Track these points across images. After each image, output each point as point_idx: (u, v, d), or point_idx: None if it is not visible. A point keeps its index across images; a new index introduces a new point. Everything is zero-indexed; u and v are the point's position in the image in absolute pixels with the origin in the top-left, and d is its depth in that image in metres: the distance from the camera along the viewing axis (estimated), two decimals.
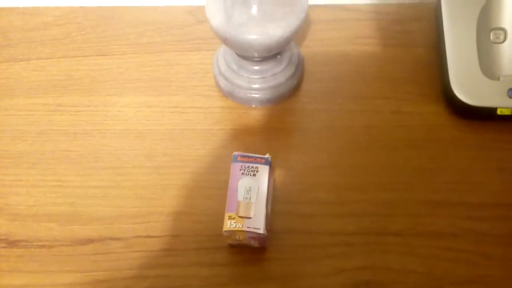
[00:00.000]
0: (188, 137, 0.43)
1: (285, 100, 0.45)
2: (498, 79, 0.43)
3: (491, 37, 0.45)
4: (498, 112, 0.42)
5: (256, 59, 0.42)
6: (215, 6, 0.39)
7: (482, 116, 0.43)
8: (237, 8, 0.38)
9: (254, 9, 0.37)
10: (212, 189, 0.39)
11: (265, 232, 0.34)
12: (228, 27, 0.38)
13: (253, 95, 0.44)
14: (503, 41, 0.45)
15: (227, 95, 0.45)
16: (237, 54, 0.42)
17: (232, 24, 0.38)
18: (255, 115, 0.44)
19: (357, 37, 0.50)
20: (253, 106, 0.44)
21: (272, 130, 0.43)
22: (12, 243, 0.37)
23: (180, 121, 0.44)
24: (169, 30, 0.51)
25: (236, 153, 0.37)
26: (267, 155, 0.37)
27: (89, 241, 0.37)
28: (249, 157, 0.36)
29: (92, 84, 0.47)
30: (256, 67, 0.43)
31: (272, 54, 0.41)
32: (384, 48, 0.49)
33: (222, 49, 0.44)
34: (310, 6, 0.42)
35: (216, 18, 0.38)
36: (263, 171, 0.36)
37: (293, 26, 0.38)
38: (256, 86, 0.44)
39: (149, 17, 0.52)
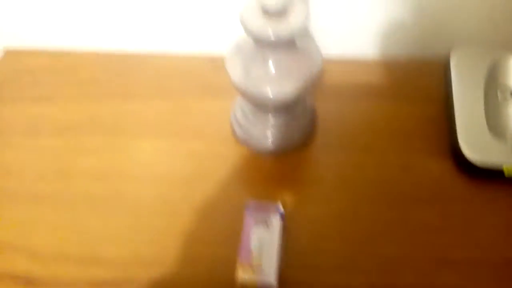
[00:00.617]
0: (203, 183, 0.44)
1: (298, 150, 0.46)
2: (506, 137, 0.44)
3: (499, 95, 0.47)
4: (505, 171, 0.43)
5: (272, 110, 0.44)
6: (235, 61, 0.41)
7: (489, 174, 0.44)
8: (255, 64, 0.40)
9: (271, 66, 0.39)
10: (225, 236, 0.40)
11: (276, 282, 0.35)
12: (246, 82, 0.40)
13: (268, 145, 0.46)
14: (510, 100, 0.46)
15: (243, 143, 0.46)
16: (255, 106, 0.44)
17: (250, 79, 0.40)
18: (269, 164, 0.46)
19: (367, 90, 0.52)
20: (267, 155, 0.46)
21: (284, 179, 0.45)
22: (30, 282, 0.39)
23: (197, 167, 0.45)
24: (190, 77, 0.53)
25: (249, 202, 0.38)
26: (279, 205, 0.38)
27: (105, 283, 0.39)
28: (262, 206, 0.38)
29: (114, 127, 0.49)
30: (271, 118, 0.45)
31: (287, 106, 0.43)
32: (394, 102, 0.51)
33: (240, 99, 0.46)
34: (324, 59, 0.44)
35: (236, 72, 0.41)
36: (276, 221, 0.37)
37: (308, 83, 0.40)
38: (271, 136, 0.45)
39: (171, 64, 0.55)
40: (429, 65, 0.53)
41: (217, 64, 0.54)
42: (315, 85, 0.41)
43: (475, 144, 0.44)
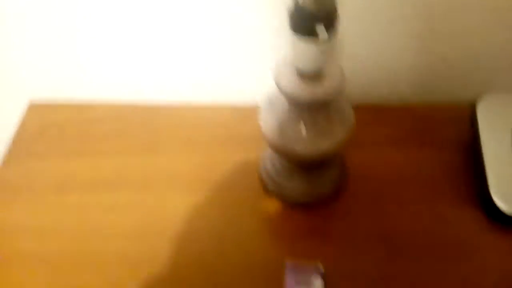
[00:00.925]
0: (237, 238, 0.44)
1: (330, 202, 0.46)
2: None
3: None
4: None
5: (304, 165, 0.44)
6: (268, 118, 0.41)
7: None
8: (289, 123, 0.40)
9: (306, 126, 0.40)
10: None
11: None
12: (281, 140, 0.40)
13: (300, 198, 0.46)
14: None
15: (274, 196, 0.46)
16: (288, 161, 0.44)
17: (285, 138, 0.40)
18: (302, 217, 0.46)
19: (394, 138, 0.52)
20: (300, 207, 0.46)
21: (318, 233, 0.45)
22: None
23: (229, 221, 0.45)
24: (215, 128, 0.53)
25: (288, 262, 0.38)
26: (319, 265, 0.38)
27: None
28: (302, 266, 0.38)
29: (144, 182, 0.49)
30: (304, 172, 0.45)
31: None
32: (422, 150, 0.51)
33: (270, 152, 0.47)
34: None
35: (270, 130, 0.41)
36: (317, 282, 0.37)
37: (342, 141, 0.41)
38: (303, 189, 0.45)
39: (196, 114, 0.55)
40: (453, 111, 0.53)
41: (241, 115, 0.55)
42: (348, 143, 0.41)
43: (507, 194, 0.44)
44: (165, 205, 0.47)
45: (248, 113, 0.54)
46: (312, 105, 0.38)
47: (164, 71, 0.55)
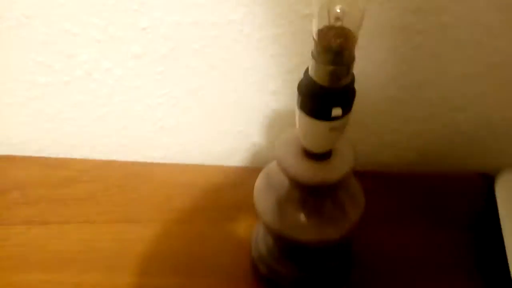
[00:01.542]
0: None
1: None
2: None
3: None
4: None
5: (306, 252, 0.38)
6: (266, 197, 0.36)
7: None
8: (291, 206, 0.35)
9: (310, 211, 0.34)
10: None
11: None
12: (281, 225, 0.35)
13: (298, 286, 0.40)
14: None
15: (267, 282, 0.40)
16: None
17: (285, 222, 0.35)
18: None
19: (401, 212, 0.47)
20: None
21: None
22: None
23: None
24: (201, 193, 0.48)
25: None
26: None
27: None
28: None
29: (117, 260, 0.42)
30: (306, 259, 0.39)
31: None
32: (432, 227, 0.46)
33: (263, 230, 0.41)
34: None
35: (267, 211, 0.35)
36: None
37: (350, 228, 0.35)
38: (302, 276, 0.40)
39: (180, 176, 0.49)
40: (462, 182, 0.49)
41: (229, 177, 0.49)
42: (358, 228, 0.36)
43: None
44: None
45: (237, 176, 0.49)
46: (318, 188, 0.33)
47: (142, 127, 0.49)
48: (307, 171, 0.32)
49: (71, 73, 0.45)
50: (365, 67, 0.42)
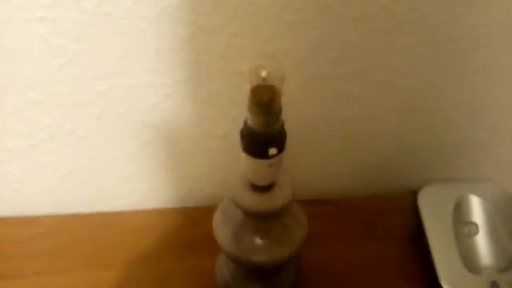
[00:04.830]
0: None
1: None
2: (480, 272, 0.47)
3: (466, 230, 0.50)
4: None
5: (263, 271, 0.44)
6: (224, 229, 0.41)
7: None
8: (246, 233, 0.40)
9: (262, 235, 0.40)
10: None
11: None
12: (238, 251, 0.40)
13: None
14: (476, 235, 0.50)
15: None
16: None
17: (242, 248, 0.40)
18: None
19: (342, 233, 0.53)
20: None
21: None
22: None
23: None
24: (166, 234, 0.52)
25: None
26: None
27: None
28: None
29: None
30: (260, 278, 0.45)
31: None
32: (370, 243, 0.52)
33: (226, 260, 0.46)
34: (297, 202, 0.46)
35: (226, 241, 0.41)
36: None
37: (297, 246, 0.41)
38: None
39: (144, 221, 0.54)
40: (396, 201, 0.56)
41: (190, 217, 0.54)
42: (303, 246, 0.42)
43: (455, 281, 0.46)
44: None
45: (197, 216, 0.54)
46: (266, 215, 0.39)
47: (105, 180, 0.54)
48: (255, 202, 0.38)
49: (36, 136, 0.49)
50: (298, 110, 0.49)
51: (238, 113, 0.49)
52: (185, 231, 0.53)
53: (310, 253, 0.50)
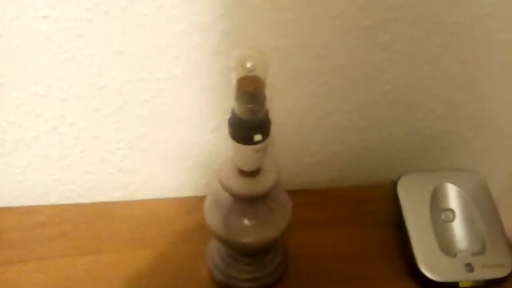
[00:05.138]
0: None
1: (276, 285, 0.49)
2: (455, 255, 0.50)
3: (443, 217, 0.53)
4: (461, 285, 0.48)
5: (249, 253, 0.47)
6: (214, 214, 0.44)
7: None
8: (233, 217, 0.43)
9: (249, 218, 0.43)
10: None
11: None
12: (227, 233, 0.43)
13: (248, 284, 0.48)
14: (453, 220, 0.53)
15: (223, 286, 0.48)
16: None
17: (230, 231, 0.43)
18: None
19: (328, 219, 0.56)
20: None
21: None
22: None
23: None
24: (161, 222, 0.55)
25: None
26: None
27: None
28: None
29: (91, 284, 0.49)
30: (248, 259, 0.48)
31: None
32: (354, 229, 0.55)
33: (216, 243, 0.49)
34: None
35: (215, 224, 0.44)
36: None
37: (283, 228, 0.44)
38: (251, 275, 0.48)
39: (141, 211, 0.57)
40: (378, 190, 0.59)
41: (184, 207, 0.57)
42: (287, 229, 0.45)
43: (432, 263, 0.49)
44: None
45: (191, 205, 0.57)
46: (253, 198, 0.42)
47: (103, 171, 0.57)
48: (242, 186, 0.41)
49: (39, 129, 0.52)
50: (285, 103, 0.53)
51: (229, 107, 0.51)
52: (179, 220, 0.55)
53: (298, 238, 0.54)
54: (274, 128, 0.53)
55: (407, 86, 0.53)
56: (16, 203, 0.58)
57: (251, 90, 0.35)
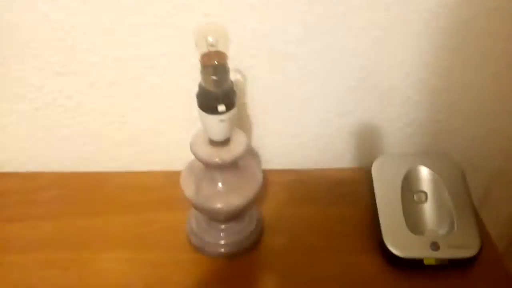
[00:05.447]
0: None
1: (248, 253, 0.52)
2: (423, 234, 0.52)
3: (415, 198, 0.55)
4: (425, 262, 0.50)
5: (222, 220, 0.51)
6: (188, 180, 0.48)
7: (412, 265, 0.51)
8: (205, 183, 0.47)
9: (219, 184, 0.47)
10: None
11: None
12: (198, 198, 0.47)
13: (220, 250, 0.52)
14: (425, 202, 0.55)
15: (198, 250, 0.52)
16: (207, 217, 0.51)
17: (202, 196, 0.47)
18: (221, 267, 0.51)
19: (306, 197, 0.59)
20: (220, 259, 0.52)
21: (235, 280, 0.50)
22: None
23: (156, 274, 0.50)
24: (149, 192, 0.60)
25: None
26: None
27: None
28: None
29: (80, 242, 0.54)
30: (222, 226, 0.52)
31: (235, 216, 0.50)
32: (330, 207, 0.58)
33: (194, 211, 0.53)
34: (268, 170, 0.55)
35: (189, 190, 0.48)
36: None
37: (251, 196, 0.48)
38: (222, 241, 0.52)
39: (133, 181, 0.61)
40: (356, 173, 0.62)
41: (172, 179, 0.61)
42: (257, 198, 0.49)
43: (397, 240, 0.52)
44: (98, 262, 0.52)
45: (178, 178, 0.61)
46: (222, 166, 0.46)
47: (99, 143, 0.61)
48: (212, 155, 0.45)
49: (40, 101, 0.57)
50: (267, 84, 0.56)
51: None
52: (167, 191, 0.59)
53: (275, 212, 0.57)
54: (256, 109, 0.56)
55: (384, 72, 0.55)
56: (21, 169, 0.63)
57: (214, 63, 0.39)
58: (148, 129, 0.60)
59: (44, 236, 0.54)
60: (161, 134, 0.61)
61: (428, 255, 0.51)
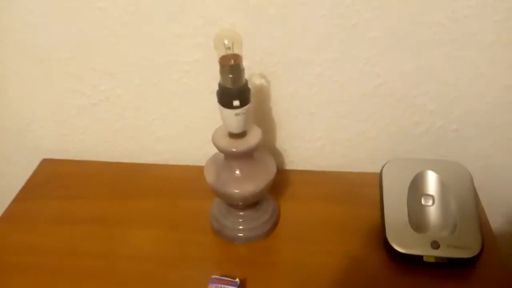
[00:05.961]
0: (184, 264, 0.56)
1: (262, 239, 0.58)
2: (425, 233, 0.55)
3: (422, 200, 0.59)
4: (424, 259, 0.54)
5: (240, 207, 0.57)
6: (210, 169, 0.55)
7: (412, 262, 0.54)
8: (224, 171, 0.54)
9: (235, 172, 0.53)
10: None
11: None
12: (218, 183, 0.54)
13: (237, 234, 0.58)
14: (432, 205, 0.58)
15: (217, 233, 0.59)
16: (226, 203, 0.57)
17: (220, 182, 0.54)
18: (237, 250, 0.57)
19: (322, 196, 0.64)
20: (237, 243, 0.58)
21: (249, 262, 0.56)
22: None
23: (178, 251, 0.57)
24: (181, 183, 0.67)
25: (213, 276, 0.50)
26: (237, 280, 0.49)
27: None
28: (222, 279, 0.49)
29: (119, 219, 0.62)
30: (240, 213, 0.58)
31: (251, 203, 0.56)
32: (343, 206, 0.63)
33: (216, 199, 0.60)
34: (290, 171, 0.61)
35: (210, 177, 0.55)
36: None
37: (264, 184, 0.54)
38: (239, 227, 0.58)
39: (167, 172, 0.69)
40: (369, 176, 0.66)
41: (201, 173, 0.68)
42: (269, 187, 0.55)
43: (400, 237, 0.55)
44: (130, 237, 0.59)
45: None
46: (239, 156, 0.52)
47: (143, 138, 0.70)
48: (229, 145, 0.52)
49: (96, 98, 0.67)
50: (287, 90, 0.62)
51: None
52: (195, 183, 0.65)
53: (291, 207, 0.63)
54: (279, 113, 0.63)
55: (397, 81, 0.60)
56: (78, 157, 0.73)
57: (230, 64, 0.46)
58: (185, 128, 0.68)
59: (91, 214, 0.63)
60: (196, 132, 0.68)
61: (428, 253, 0.54)
